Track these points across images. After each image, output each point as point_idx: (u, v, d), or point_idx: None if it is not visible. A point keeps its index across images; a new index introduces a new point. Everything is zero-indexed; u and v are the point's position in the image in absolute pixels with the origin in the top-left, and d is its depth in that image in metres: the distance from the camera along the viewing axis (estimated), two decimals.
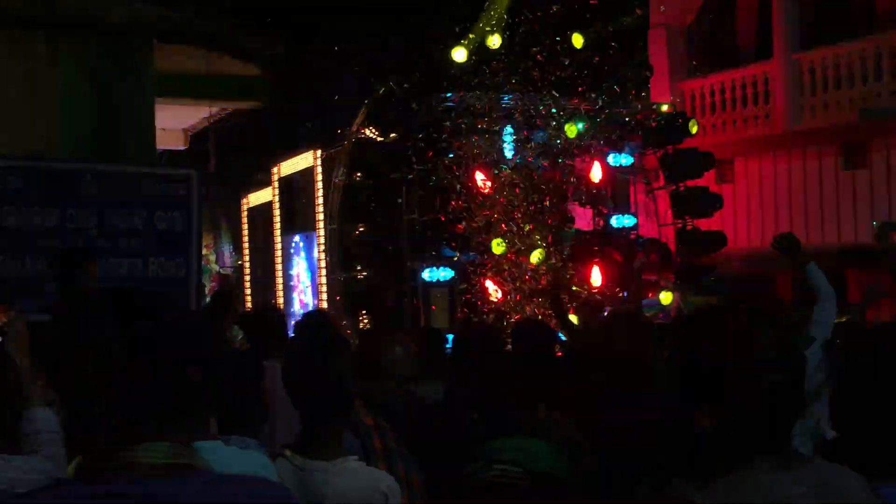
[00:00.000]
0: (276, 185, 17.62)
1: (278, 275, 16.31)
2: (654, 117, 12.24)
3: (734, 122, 15.58)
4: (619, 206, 12.67)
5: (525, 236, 11.00)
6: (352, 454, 2.96)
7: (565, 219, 11.39)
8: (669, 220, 12.49)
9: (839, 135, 13.87)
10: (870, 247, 12.73)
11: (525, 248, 10.93)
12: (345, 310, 10.63)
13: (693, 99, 16.22)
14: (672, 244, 12.45)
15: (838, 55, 13.92)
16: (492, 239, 10.59)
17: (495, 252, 10.55)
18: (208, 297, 12.62)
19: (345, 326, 10.27)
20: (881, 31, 13.35)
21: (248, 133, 15.76)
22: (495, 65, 11.08)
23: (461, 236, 10.64)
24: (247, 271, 17.34)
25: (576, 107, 11.55)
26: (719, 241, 12.21)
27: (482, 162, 11.03)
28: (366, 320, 10.21)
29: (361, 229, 10.98)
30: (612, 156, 11.99)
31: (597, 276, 11.37)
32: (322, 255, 11.96)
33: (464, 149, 10.79)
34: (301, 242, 16.71)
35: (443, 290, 10.56)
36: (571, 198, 11.69)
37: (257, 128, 15.59)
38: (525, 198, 11.10)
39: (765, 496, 2.12)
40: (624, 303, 11.40)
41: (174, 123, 13.76)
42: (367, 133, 10.79)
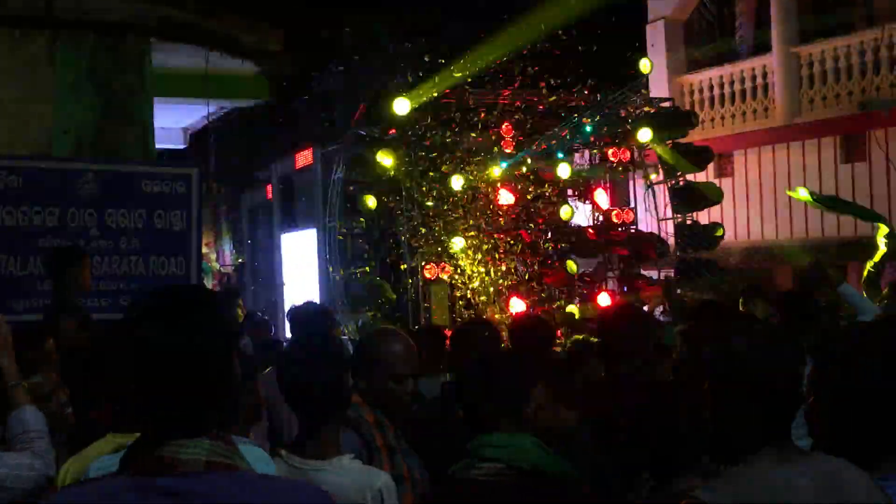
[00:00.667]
0: (275, 183, 17.60)
1: (277, 272, 16.31)
2: (653, 112, 12.20)
3: (733, 116, 15.58)
4: (618, 201, 12.66)
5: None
6: (350, 452, 2.96)
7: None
8: (669, 214, 12.49)
9: (838, 128, 13.86)
10: (870, 240, 12.73)
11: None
12: (344, 307, 10.62)
13: (692, 93, 16.22)
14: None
15: (837, 48, 13.92)
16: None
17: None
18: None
19: (344, 324, 10.28)
20: (880, 24, 13.33)
21: (248, 131, 15.76)
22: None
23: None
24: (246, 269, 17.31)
25: (576, 102, 11.53)
26: (719, 235, 12.20)
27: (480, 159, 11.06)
28: (366, 318, 10.19)
29: (360, 228, 10.95)
30: (611, 151, 11.97)
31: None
32: (321, 253, 11.95)
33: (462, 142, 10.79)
34: (300, 240, 16.73)
35: (442, 287, 10.55)
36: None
37: (257, 126, 15.59)
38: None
39: (766, 490, 2.13)
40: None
41: (173, 122, 13.74)
42: (366, 130, 10.76)
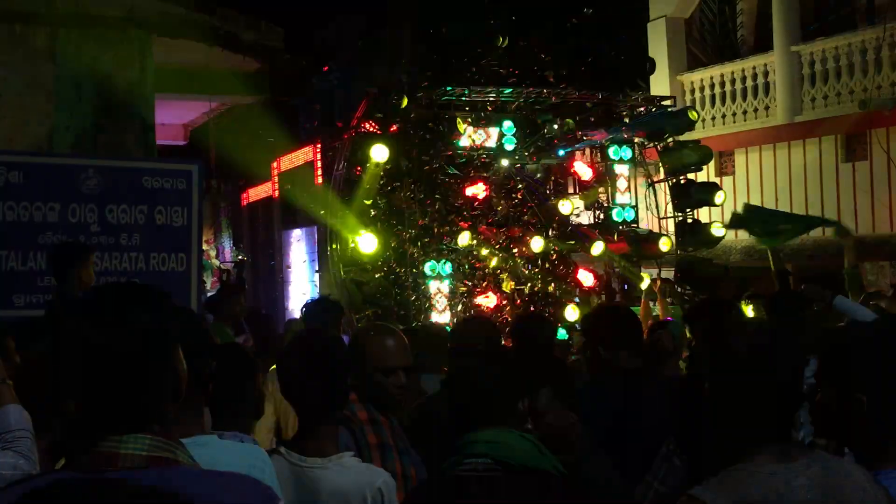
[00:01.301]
0: (276, 179, 17.57)
1: (278, 269, 16.31)
2: (654, 110, 12.18)
3: (734, 114, 15.57)
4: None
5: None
6: (346, 450, 2.96)
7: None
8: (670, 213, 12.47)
9: (839, 127, 13.85)
10: (869, 237, 12.74)
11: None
12: (346, 304, 10.60)
13: (693, 91, 16.21)
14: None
15: (838, 47, 13.91)
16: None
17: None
18: (210, 291, 12.58)
19: (346, 321, 10.25)
20: (881, 22, 13.32)
21: (248, 128, 15.75)
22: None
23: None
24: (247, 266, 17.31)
25: (575, 100, 11.51)
26: (719, 234, 12.17)
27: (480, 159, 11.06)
28: (366, 316, 10.17)
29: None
30: (613, 148, 11.95)
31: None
32: (321, 250, 11.95)
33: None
34: (301, 237, 16.74)
35: (443, 284, 10.55)
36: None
37: (257, 122, 15.57)
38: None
39: (766, 489, 2.13)
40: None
41: (174, 118, 13.76)
42: (367, 127, 10.73)
